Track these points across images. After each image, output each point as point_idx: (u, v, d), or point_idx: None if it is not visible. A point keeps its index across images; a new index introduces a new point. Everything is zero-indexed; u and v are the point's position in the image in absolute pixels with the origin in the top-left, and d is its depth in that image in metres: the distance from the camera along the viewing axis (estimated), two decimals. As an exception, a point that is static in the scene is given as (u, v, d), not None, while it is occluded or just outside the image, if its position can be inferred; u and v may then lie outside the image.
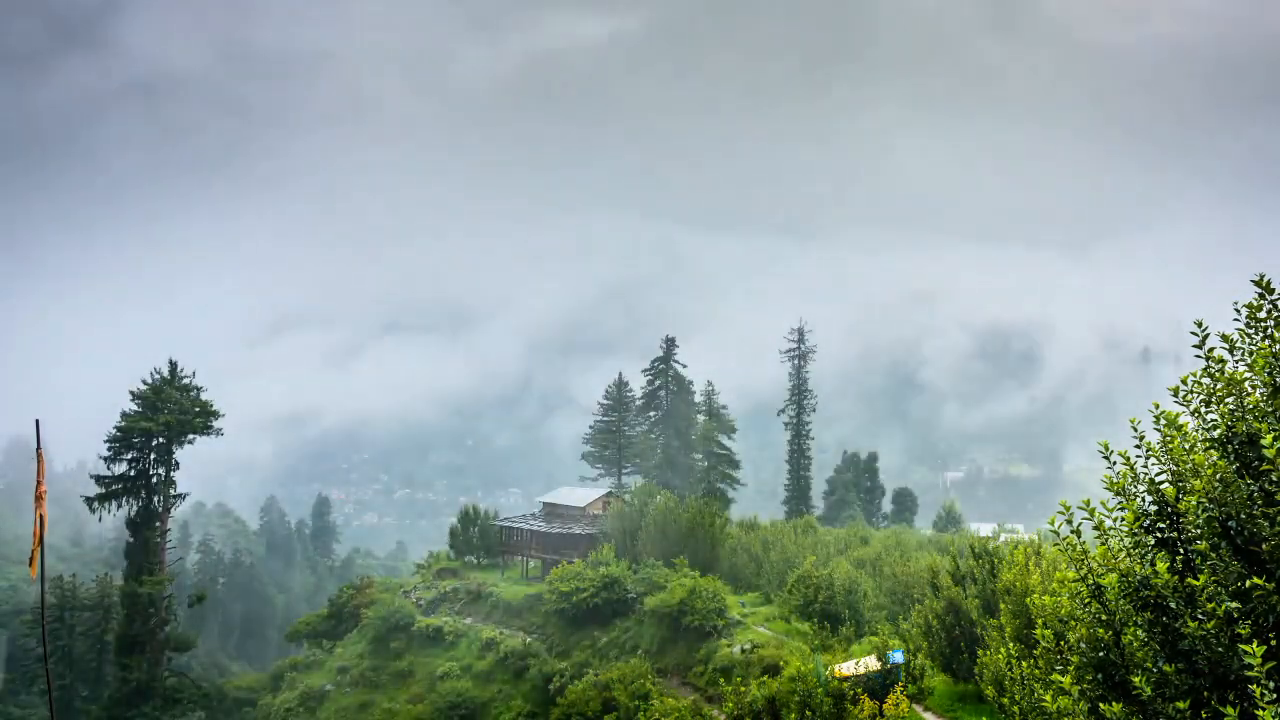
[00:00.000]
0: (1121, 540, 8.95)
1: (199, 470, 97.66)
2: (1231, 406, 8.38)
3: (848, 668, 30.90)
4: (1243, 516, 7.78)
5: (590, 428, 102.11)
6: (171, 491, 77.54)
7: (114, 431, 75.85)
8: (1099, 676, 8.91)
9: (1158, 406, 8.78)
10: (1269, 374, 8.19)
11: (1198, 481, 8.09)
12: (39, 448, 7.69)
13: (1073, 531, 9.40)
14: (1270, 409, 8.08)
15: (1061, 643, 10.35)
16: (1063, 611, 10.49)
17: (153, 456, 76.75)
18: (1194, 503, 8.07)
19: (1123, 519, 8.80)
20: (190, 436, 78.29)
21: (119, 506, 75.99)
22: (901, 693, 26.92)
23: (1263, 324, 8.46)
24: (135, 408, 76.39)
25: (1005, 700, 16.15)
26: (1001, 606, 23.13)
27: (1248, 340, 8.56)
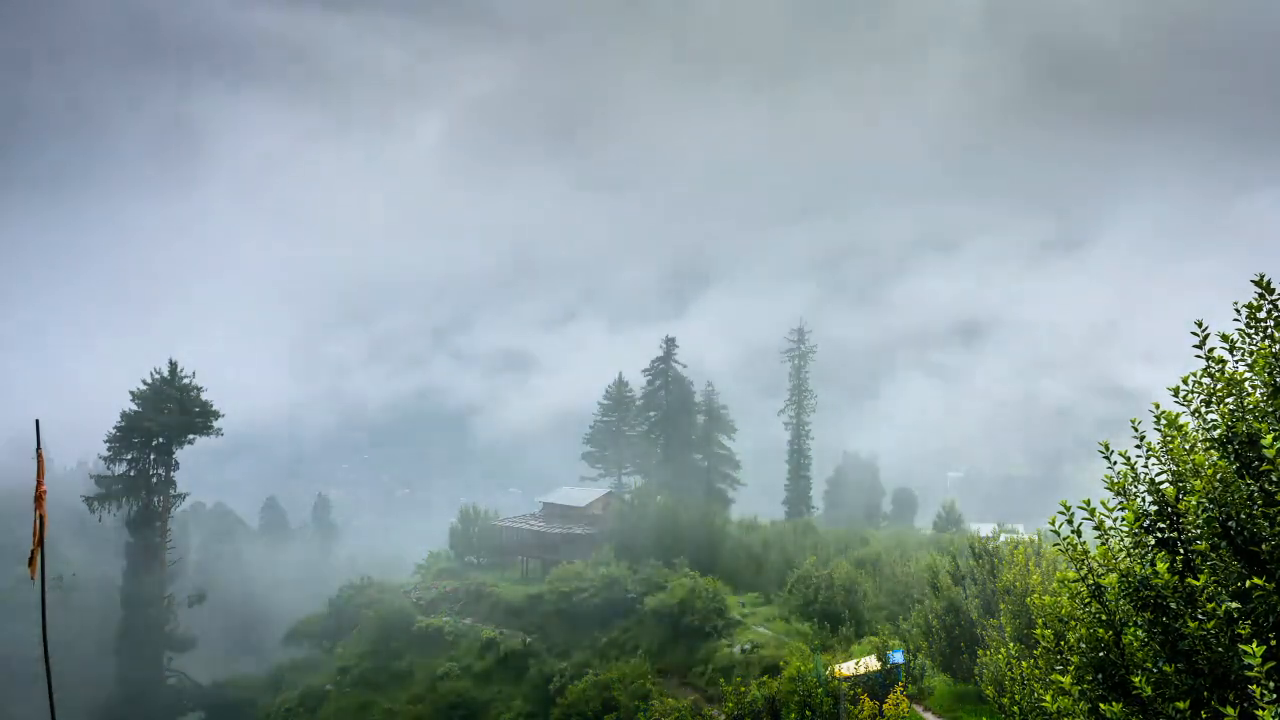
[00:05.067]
0: (1121, 540, 8.95)
1: (199, 470, 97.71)
2: (1231, 406, 8.38)
3: (848, 668, 30.93)
4: (1243, 516, 7.78)
5: (590, 428, 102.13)
6: (171, 491, 77.61)
7: (114, 431, 75.92)
8: (1099, 676, 8.91)
9: (1158, 407, 8.79)
10: (1269, 374, 8.20)
11: (1198, 481, 8.09)
12: (39, 448, 7.68)
13: (1073, 531, 9.40)
14: (1270, 409, 8.07)
15: (1061, 643, 10.35)
16: (1063, 611, 10.49)
17: (153, 456, 76.84)
18: (1194, 503, 8.07)
19: (1123, 519, 8.80)
20: (190, 436, 78.36)
21: (119, 506, 76.06)
22: (901, 693, 26.94)
23: (1263, 324, 8.46)
24: (135, 408, 76.45)
25: (1005, 700, 16.15)
26: (1001, 606, 23.13)
27: (1248, 340, 8.56)
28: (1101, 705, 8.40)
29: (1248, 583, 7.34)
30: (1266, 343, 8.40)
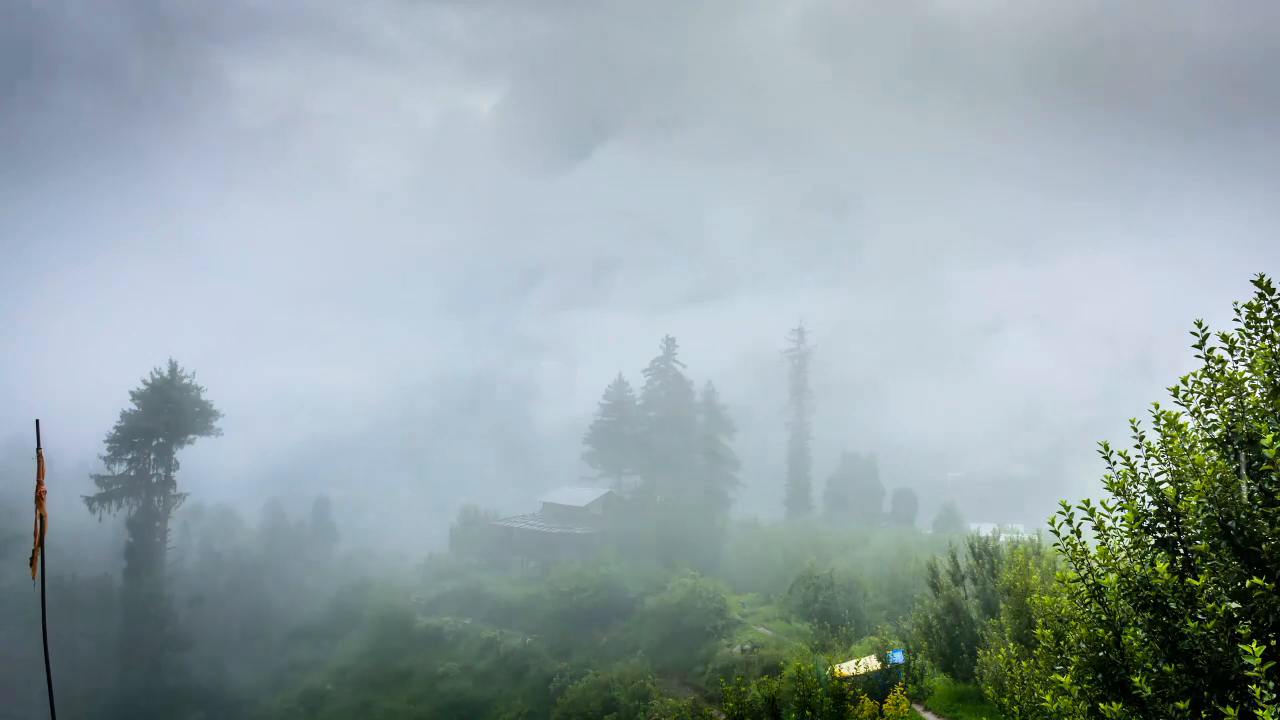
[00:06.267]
0: (1121, 540, 8.95)
1: (199, 470, 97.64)
2: (1231, 406, 8.38)
3: (848, 667, 30.94)
4: (1243, 516, 7.78)
5: (590, 428, 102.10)
6: (171, 491, 77.64)
7: (114, 431, 75.95)
8: (1099, 676, 8.91)
9: (1157, 407, 8.78)
10: (1269, 374, 8.20)
11: (1198, 481, 8.09)
12: (39, 448, 7.69)
13: (1073, 531, 9.39)
14: (1270, 409, 8.08)
15: (1061, 643, 10.35)
16: (1063, 611, 10.49)
17: (153, 456, 76.90)
18: (1194, 503, 8.07)
19: (1123, 519, 8.80)
20: (190, 436, 78.43)
21: (119, 506, 76.12)
22: (901, 692, 26.93)
23: (1263, 324, 8.46)
24: (135, 408, 76.49)
25: (1005, 700, 16.16)
26: (1001, 606, 23.14)
27: (1248, 340, 8.56)
28: (1101, 705, 8.40)
29: (1248, 583, 7.33)
30: (1266, 343, 8.40)
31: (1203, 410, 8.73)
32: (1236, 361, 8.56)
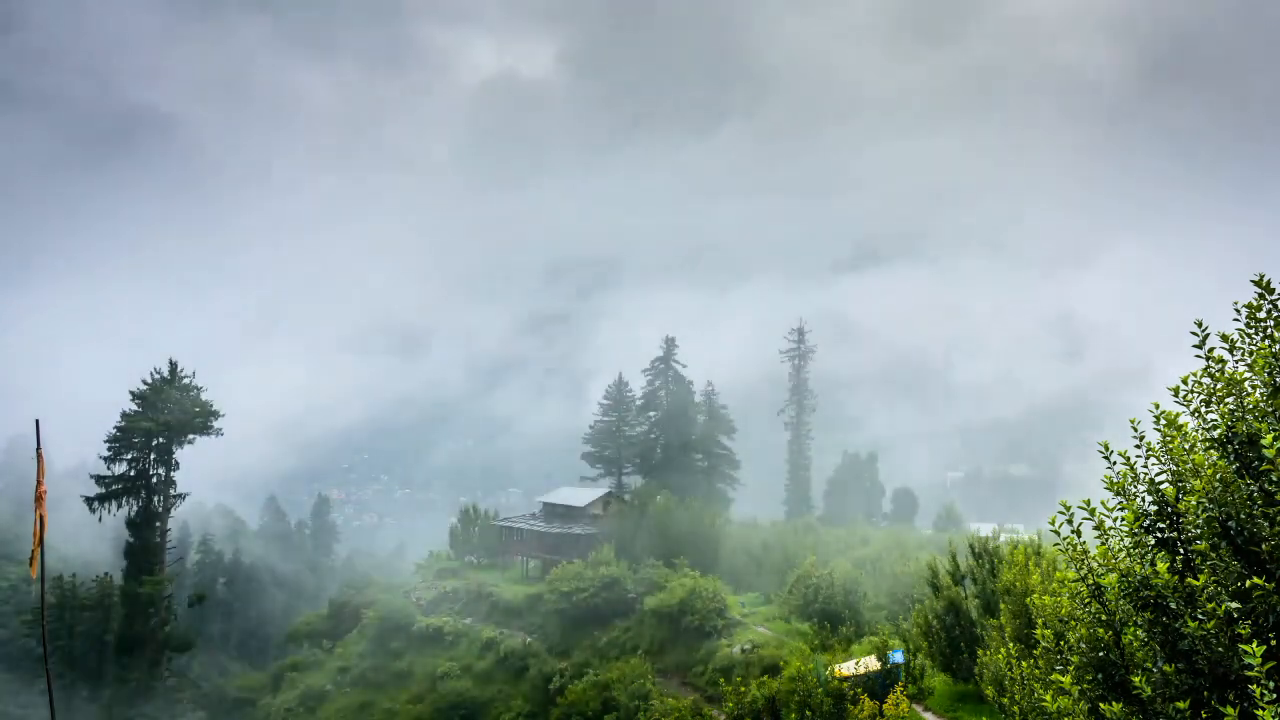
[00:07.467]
0: (1121, 540, 8.94)
1: (199, 470, 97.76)
2: (1231, 406, 8.37)
3: (848, 668, 30.96)
4: (1243, 516, 7.77)
5: (590, 428, 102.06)
6: (171, 491, 77.58)
7: (114, 431, 75.88)
8: (1099, 676, 8.91)
9: (1158, 406, 8.78)
10: (1269, 374, 8.20)
11: (1198, 481, 8.08)
12: (39, 448, 7.70)
13: (1073, 531, 9.39)
14: (1270, 409, 8.07)
15: (1061, 643, 10.35)
16: (1063, 611, 10.49)
17: (153, 456, 76.82)
18: (1194, 503, 8.06)
19: (1123, 519, 8.79)
20: (190, 436, 78.34)
21: (119, 506, 76.03)
22: (901, 692, 26.92)
23: (1263, 324, 8.46)
24: (135, 408, 76.43)
25: (1005, 700, 16.16)
26: (1001, 606, 23.13)
27: (1248, 340, 8.56)
28: (1101, 705, 8.40)
29: (1248, 583, 7.33)
30: (1266, 343, 8.39)
31: (1203, 410, 8.73)
32: (1236, 362, 8.56)
